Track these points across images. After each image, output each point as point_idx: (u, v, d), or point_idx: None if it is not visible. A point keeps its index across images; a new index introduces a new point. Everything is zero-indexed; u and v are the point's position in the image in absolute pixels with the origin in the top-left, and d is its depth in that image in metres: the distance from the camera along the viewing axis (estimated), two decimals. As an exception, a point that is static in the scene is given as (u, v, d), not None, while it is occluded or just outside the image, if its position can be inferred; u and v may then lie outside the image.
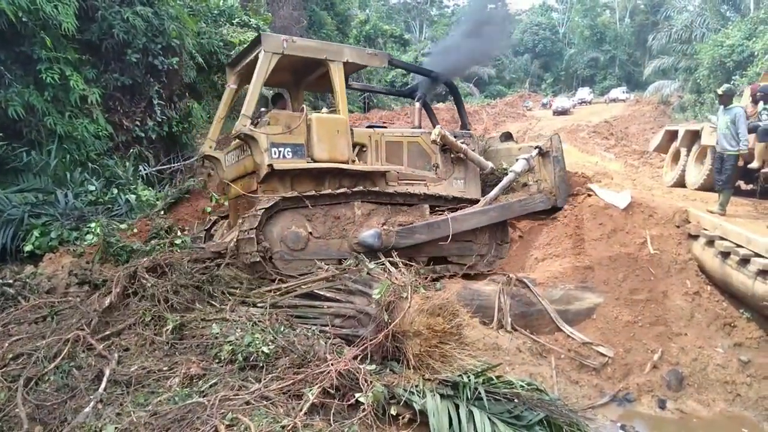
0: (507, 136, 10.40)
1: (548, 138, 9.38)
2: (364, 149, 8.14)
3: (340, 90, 7.86)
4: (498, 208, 8.49)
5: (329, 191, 7.43)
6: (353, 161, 7.77)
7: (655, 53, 35.81)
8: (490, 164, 9.20)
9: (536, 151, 9.03)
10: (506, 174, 8.97)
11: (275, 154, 7.08)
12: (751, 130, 8.34)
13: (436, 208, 8.30)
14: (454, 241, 8.07)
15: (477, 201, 8.60)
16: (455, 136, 8.88)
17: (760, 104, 8.70)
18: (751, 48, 23.41)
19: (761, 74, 13.53)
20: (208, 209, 10.23)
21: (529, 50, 66.00)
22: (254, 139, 7.03)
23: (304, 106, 8.31)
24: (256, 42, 7.63)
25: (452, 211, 8.20)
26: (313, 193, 7.31)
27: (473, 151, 9.12)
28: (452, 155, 8.87)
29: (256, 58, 7.46)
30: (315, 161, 7.39)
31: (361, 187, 7.69)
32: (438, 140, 8.50)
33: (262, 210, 6.72)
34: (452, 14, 67.99)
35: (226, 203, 9.64)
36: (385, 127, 9.20)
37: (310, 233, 7.30)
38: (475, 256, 8.50)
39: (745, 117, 7.72)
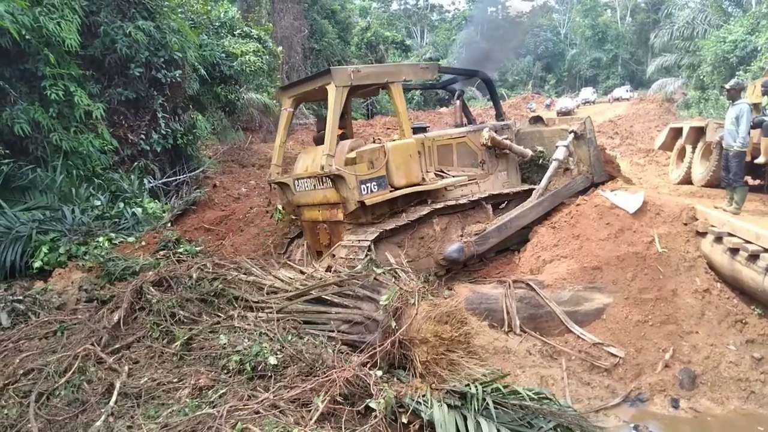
0: (536, 119, 10.86)
1: (581, 121, 9.72)
2: (420, 155, 8.38)
3: (402, 111, 8.22)
4: (550, 197, 9.08)
5: (417, 215, 7.83)
6: (423, 179, 8.14)
7: (658, 51, 35.70)
8: (529, 152, 9.70)
9: (572, 135, 9.40)
10: (541, 157, 9.70)
11: (364, 190, 7.42)
12: (756, 125, 8.28)
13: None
14: (515, 233, 8.77)
15: (523, 191, 9.31)
16: (496, 130, 9.41)
17: (765, 98, 8.64)
18: (755, 43, 23.31)
19: (765, 69, 13.46)
20: (267, 230, 10.41)
21: (531, 52, 66.04)
22: (343, 177, 7.30)
23: (382, 139, 8.59)
24: (323, 74, 7.86)
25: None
26: (405, 221, 7.73)
27: (509, 139, 9.64)
28: (496, 150, 9.41)
29: (321, 89, 7.84)
30: (395, 188, 7.78)
31: (439, 205, 8.13)
32: (488, 143, 9.09)
33: (369, 243, 7.08)
34: (453, 19, 68.03)
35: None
36: (426, 128, 9.65)
37: (405, 259, 7.48)
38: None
39: (749, 113, 7.66)
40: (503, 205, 9.36)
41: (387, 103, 34.63)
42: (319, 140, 8.57)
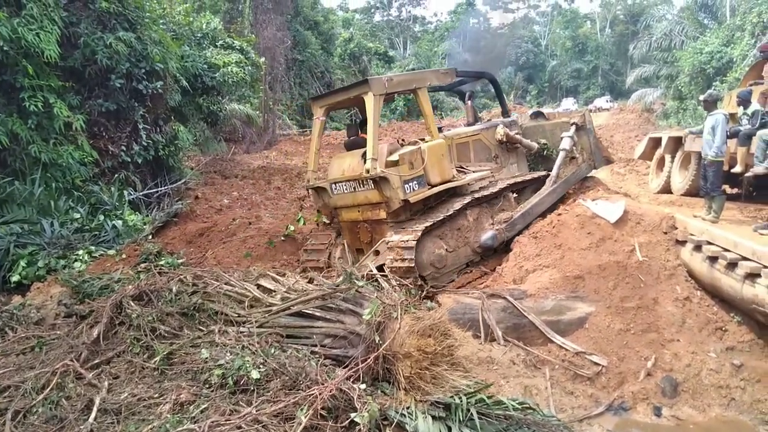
0: (538, 114, 11.90)
1: (581, 114, 10.87)
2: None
3: (430, 114, 8.93)
4: (562, 184, 9.99)
5: (456, 207, 8.45)
6: (454, 176, 8.81)
7: (637, 62, 36.25)
8: (535, 145, 10.62)
9: (574, 127, 10.37)
10: (545, 148, 10.65)
11: (407, 189, 8.04)
12: (732, 135, 8.43)
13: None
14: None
15: (538, 177, 10.15)
16: (506, 126, 10.27)
17: (740, 109, 8.79)
18: (730, 54, 23.80)
19: (740, 80, 13.72)
20: (290, 228, 10.74)
21: (512, 63, 66.67)
22: (387, 179, 7.80)
23: (417, 141, 9.03)
24: (361, 84, 8.40)
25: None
26: (444, 215, 8.28)
27: (518, 134, 10.51)
28: (508, 145, 10.28)
29: (356, 98, 8.47)
30: (432, 186, 8.41)
31: (472, 197, 8.74)
32: (503, 138, 10.04)
33: (414, 241, 7.60)
34: (435, 30, 68.54)
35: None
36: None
37: (446, 250, 8.39)
38: None
39: (725, 123, 7.79)
40: (514, 195, 9.95)
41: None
42: (350, 145, 9.07)
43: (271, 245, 10.16)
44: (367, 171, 7.82)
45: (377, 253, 8.31)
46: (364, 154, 8.08)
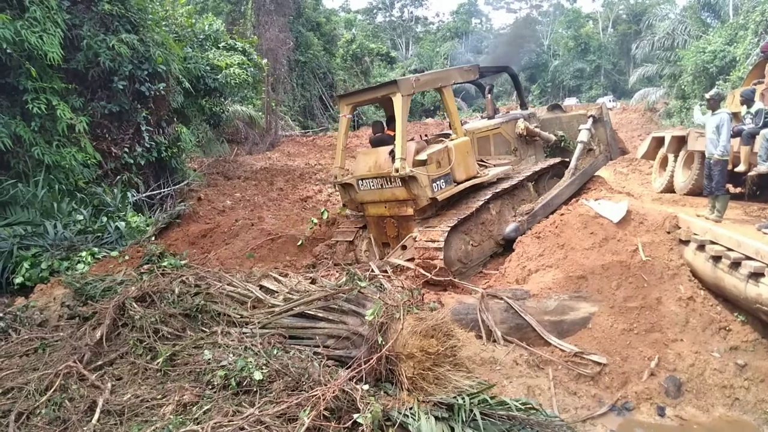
0: (554, 107, 12.28)
1: (598, 106, 11.20)
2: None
3: (453, 111, 9.10)
4: (580, 176, 10.16)
5: (481, 201, 8.64)
6: (477, 172, 8.97)
7: (639, 61, 36.25)
8: (553, 137, 10.90)
9: (591, 120, 10.62)
10: (562, 140, 10.94)
11: (435, 188, 8.23)
12: (736, 134, 8.41)
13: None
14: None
15: (556, 163, 10.33)
16: (526, 119, 10.53)
17: (744, 108, 8.77)
18: (733, 53, 23.75)
19: (743, 79, 13.69)
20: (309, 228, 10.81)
21: (514, 63, 66.48)
22: (416, 178, 8.00)
23: (443, 140, 9.20)
24: (389, 85, 8.53)
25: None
26: (469, 211, 8.46)
27: (537, 127, 10.75)
28: (527, 138, 10.52)
29: (386, 98, 8.62)
30: (458, 183, 8.64)
31: (493, 191, 8.89)
32: (524, 132, 10.27)
33: (443, 242, 7.85)
34: (437, 30, 68.51)
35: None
36: (448, 135, 10.21)
37: (472, 245, 8.65)
38: None
39: (729, 122, 7.77)
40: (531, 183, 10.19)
41: (373, 114, 34.81)
42: (376, 142, 9.22)
43: (300, 245, 10.25)
44: (396, 170, 7.99)
45: (404, 248, 8.52)
46: (391, 152, 8.25)
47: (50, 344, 5.97)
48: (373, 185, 8.74)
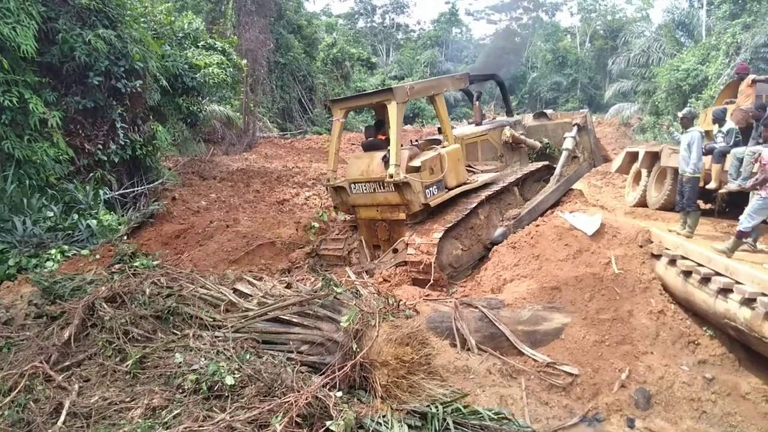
0: (540, 114, 12.37)
1: (582, 115, 11.51)
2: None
3: (445, 119, 9.27)
4: (564, 183, 10.43)
5: (469, 209, 8.75)
6: (467, 178, 9.20)
7: (615, 77, 36.80)
8: (538, 144, 11.18)
9: (576, 128, 10.90)
10: (547, 147, 11.17)
11: (428, 194, 8.39)
12: (708, 152, 8.59)
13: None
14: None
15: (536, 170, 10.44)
16: (511, 127, 10.83)
17: (715, 126, 8.96)
18: (705, 72, 24.32)
19: (715, 97, 14.01)
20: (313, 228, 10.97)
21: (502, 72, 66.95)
22: (409, 184, 8.13)
23: (435, 146, 9.36)
24: (384, 92, 8.64)
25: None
26: (461, 216, 8.61)
27: (523, 134, 11.05)
28: (513, 145, 10.77)
29: (380, 105, 8.81)
30: (449, 189, 8.82)
31: (483, 196, 9.05)
32: (510, 139, 10.54)
33: (437, 243, 8.10)
34: (418, 38, 68.82)
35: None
36: (439, 141, 10.31)
37: (462, 249, 8.82)
38: None
39: (700, 140, 7.92)
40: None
41: (353, 119, 34.78)
42: (368, 146, 9.36)
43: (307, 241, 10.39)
44: (390, 176, 8.11)
45: (395, 251, 8.69)
46: (384, 157, 8.38)
47: (16, 343, 5.79)
48: (365, 189, 8.87)
